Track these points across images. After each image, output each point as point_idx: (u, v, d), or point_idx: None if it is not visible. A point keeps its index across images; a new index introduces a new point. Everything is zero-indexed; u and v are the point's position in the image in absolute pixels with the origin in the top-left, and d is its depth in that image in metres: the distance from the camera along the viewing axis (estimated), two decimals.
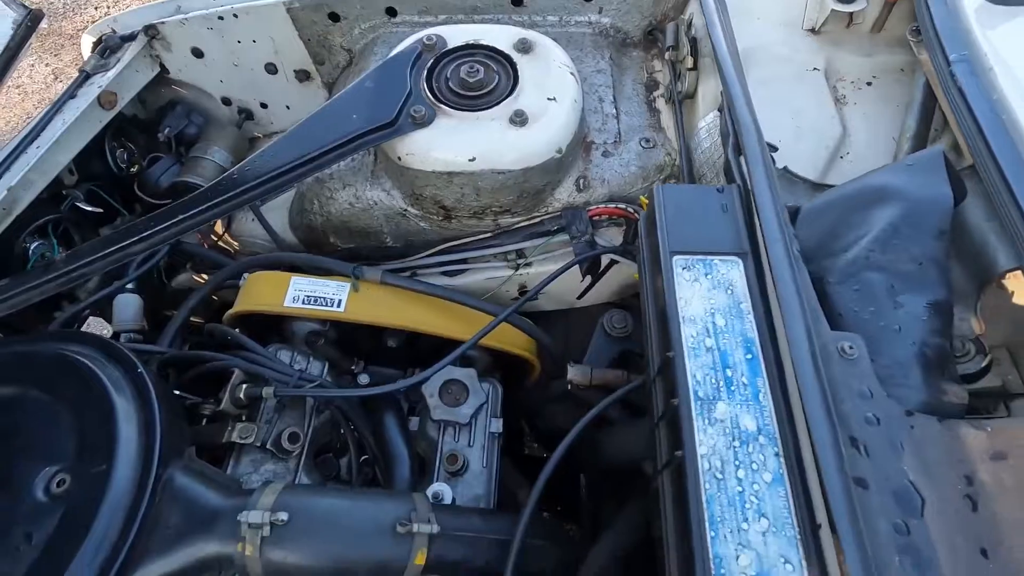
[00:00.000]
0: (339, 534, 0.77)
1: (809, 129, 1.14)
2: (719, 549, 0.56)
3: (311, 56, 1.45)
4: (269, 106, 1.56)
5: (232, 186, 1.02)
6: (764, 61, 1.23)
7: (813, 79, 1.21)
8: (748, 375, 0.66)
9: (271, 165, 1.02)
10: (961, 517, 0.59)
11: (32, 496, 0.75)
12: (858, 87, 1.22)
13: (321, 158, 1.01)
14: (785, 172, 1.04)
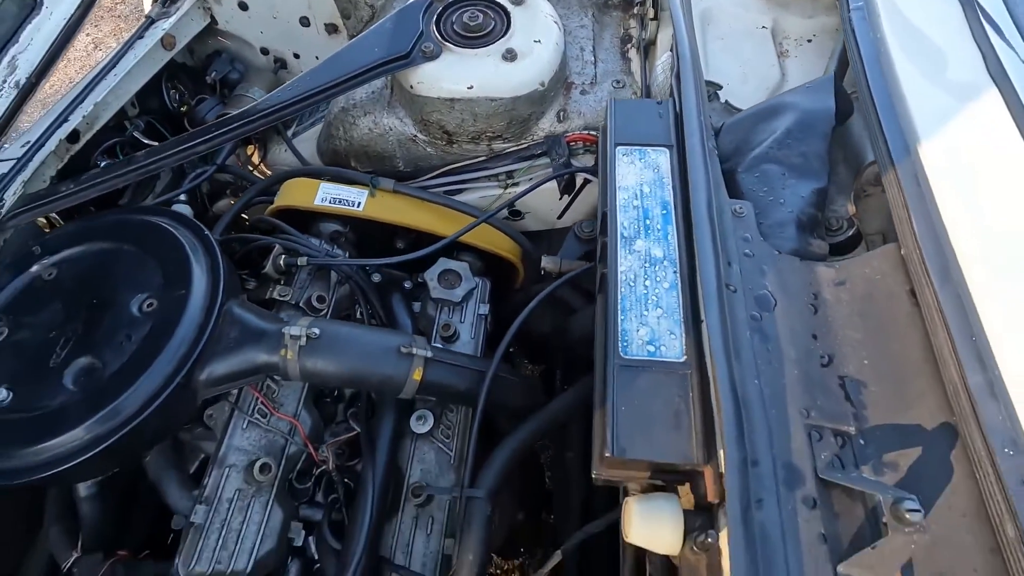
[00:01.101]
0: (357, 350, 1.02)
1: (753, 75, 1.37)
2: (626, 325, 0.80)
3: (339, 11, 1.69)
4: (301, 56, 1.81)
5: (275, 103, 1.26)
6: (721, 20, 1.46)
7: (761, 35, 1.44)
8: (662, 223, 0.90)
9: (307, 86, 1.26)
10: (803, 316, 0.82)
11: (130, 312, 1.00)
12: (799, 44, 1.45)
13: (348, 81, 1.25)
14: (727, 104, 1.27)
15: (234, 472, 1.02)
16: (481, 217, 1.29)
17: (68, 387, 0.94)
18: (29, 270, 1.08)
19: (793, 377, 0.76)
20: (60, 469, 0.88)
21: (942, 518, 0.65)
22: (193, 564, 0.94)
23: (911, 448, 0.70)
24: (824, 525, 0.66)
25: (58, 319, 1.01)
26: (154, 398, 0.92)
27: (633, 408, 0.73)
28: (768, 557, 0.62)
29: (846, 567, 0.63)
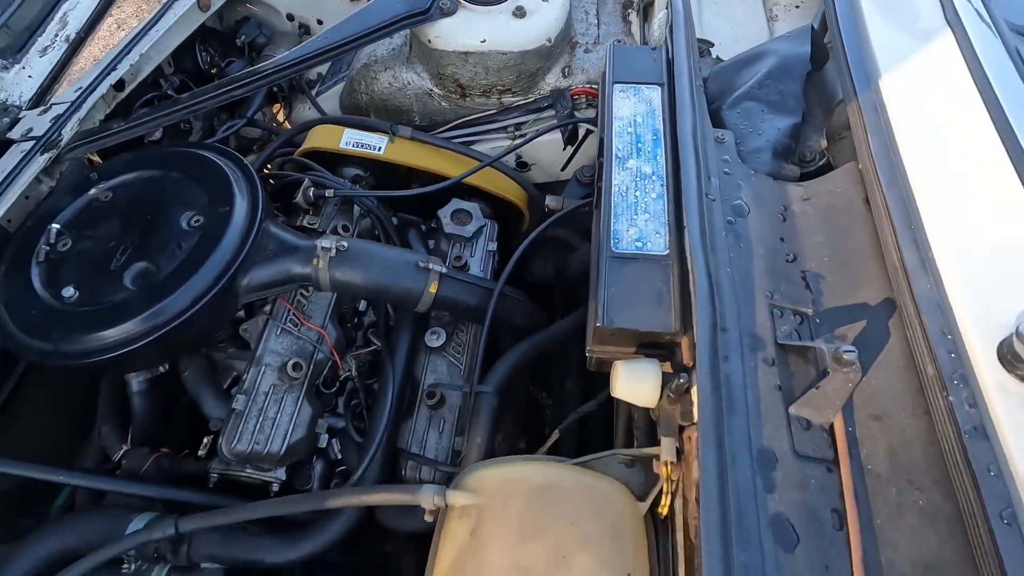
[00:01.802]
0: (380, 263, 1.15)
1: (743, 36, 1.48)
2: (617, 226, 0.92)
3: None
4: (324, 22, 1.94)
5: (302, 54, 1.39)
6: None
7: (753, 1, 1.56)
8: (651, 146, 1.02)
9: (332, 39, 1.39)
10: (772, 222, 0.94)
11: (180, 226, 1.13)
12: (788, 9, 1.56)
13: (370, 34, 1.37)
14: (718, 59, 1.39)
15: (269, 370, 1.15)
16: (489, 159, 1.41)
17: (127, 286, 1.07)
18: (87, 193, 1.21)
19: (761, 268, 0.88)
20: (119, 353, 1.01)
21: (879, 372, 0.77)
22: (234, 443, 1.07)
23: (858, 322, 0.81)
24: (780, 379, 0.78)
25: (116, 232, 1.14)
26: (201, 297, 1.05)
27: (621, 290, 0.85)
28: (731, 400, 0.74)
29: (796, 408, 0.75)
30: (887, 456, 0.72)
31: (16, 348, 1.04)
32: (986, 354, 0.69)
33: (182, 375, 1.22)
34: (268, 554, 1.02)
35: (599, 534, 0.73)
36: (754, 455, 0.71)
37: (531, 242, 1.47)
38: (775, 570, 0.64)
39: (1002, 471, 0.62)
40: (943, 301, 0.74)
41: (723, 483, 0.66)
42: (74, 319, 1.04)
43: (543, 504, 0.75)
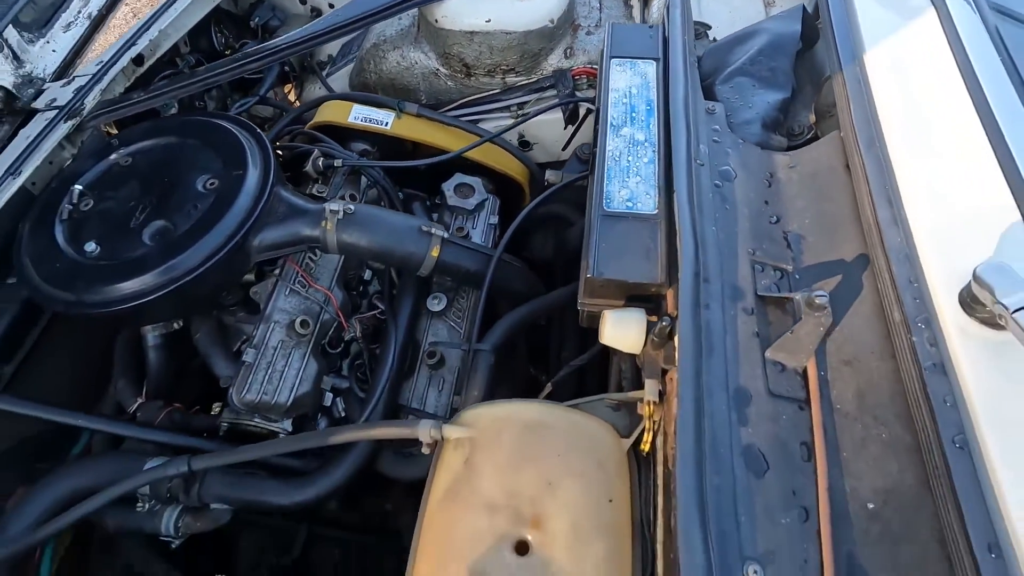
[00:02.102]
0: (385, 227, 1.20)
1: (740, 20, 1.53)
2: (610, 188, 0.97)
3: None
4: (335, 6, 2.00)
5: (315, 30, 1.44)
6: None
7: None
8: (645, 115, 1.07)
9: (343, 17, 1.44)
10: (758, 187, 0.99)
11: (196, 188, 1.18)
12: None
13: (379, 13, 1.43)
14: (713, 41, 1.43)
15: (278, 327, 1.20)
16: (491, 135, 1.47)
17: (146, 243, 1.12)
18: (109, 158, 1.27)
19: (745, 228, 0.93)
20: (137, 303, 1.06)
21: (852, 321, 0.81)
22: (244, 393, 1.12)
23: (834, 277, 0.86)
24: (758, 327, 0.83)
25: (135, 194, 1.20)
26: (215, 254, 1.10)
27: (611, 245, 0.90)
28: (710, 343, 0.79)
29: (772, 352, 0.80)
30: (855, 397, 0.76)
31: (41, 298, 1.10)
32: (948, 300, 0.73)
33: (194, 337, 1.28)
34: (275, 496, 1.07)
35: (584, 465, 0.78)
36: (730, 393, 0.76)
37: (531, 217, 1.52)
38: (745, 493, 0.69)
39: (956, 402, 0.67)
40: (912, 253, 0.78)
41: (699, 414, 0.71)
42: (96, 272, 1.10)
43: (533, 437, 0.80)
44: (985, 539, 0.59)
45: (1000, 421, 0.64)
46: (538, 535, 0.72)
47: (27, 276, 1.12)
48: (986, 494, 0.61)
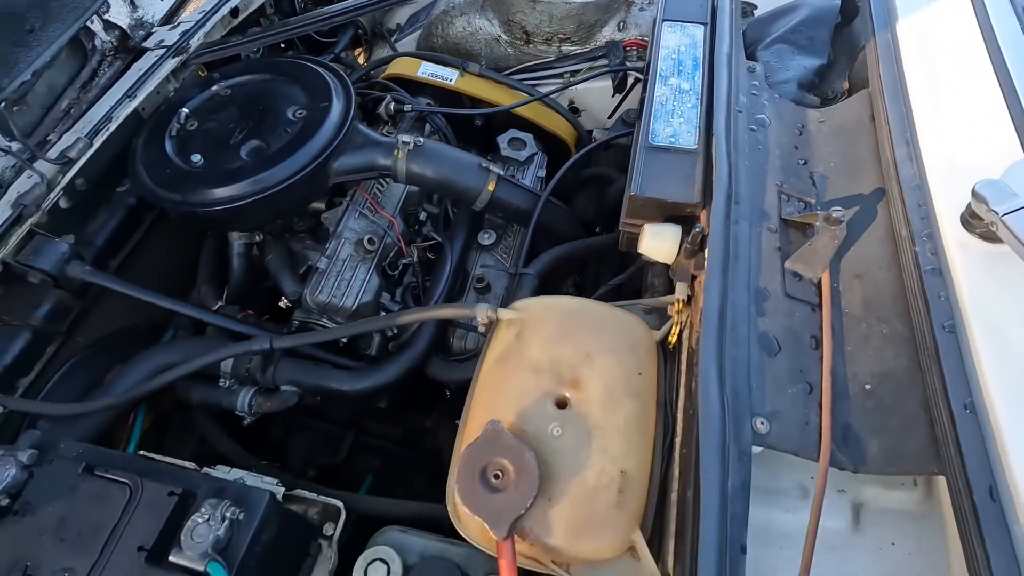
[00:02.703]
0: (449, 160, 1.35)
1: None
2: (655, 125, 1.09)
3: None
4: None
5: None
6: None
7: None
8: (691, 69, 1.19)
9: None
10: (790, 134, 1.10)
11: (287, 116, 1.34)
12: None
13: None
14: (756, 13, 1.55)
15: (347, 243, 1.36)
16: (543, 94, 1.60)
17: (243, 157, 1.29)
18: (211, 88, 1.45)
19: (775, 166, 1.04)
20: (233, 206, 1.23)
21: (865, 241, 0.92)
22: (317, 294, 1.28)
23: (852, 208, 0.97)
24: (780, 243, 0.94)
25: (234, 118, 1.37)
26: (301, 170, 1.26)
27: (653, 171, 1.02)
28: (736, 252, 0.90)
29: (790, 262, 0.91)
30: (862, 303, 0.87)
31: (153, 198, 1.27)
32: (951, 220, 0.83)
33: (265, 259, 1.44)
34: (338, 382, 1.22)
35: (619, 344, 0.90)
36: (751, 292, 0.87)
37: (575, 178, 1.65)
38: (758, 366, 0.80)
39: (949, 297, 0.77)
40: (923, 183, 0.89)
41: (723, 304, 0.83)
42: (199, 178, 1.26)
43: (575, 320, 0.93)
44: (962, 400, 0.69)
45: (985, 311, 0.74)
46: (576, 393, 0.84)
47: (141, 180, 1.30)
48: (967, 367, 0.71)
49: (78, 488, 0.87)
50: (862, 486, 0.85)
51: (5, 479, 0.87)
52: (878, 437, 0.76)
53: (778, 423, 0.76)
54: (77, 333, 1.32)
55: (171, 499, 0.85)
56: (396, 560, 0.97)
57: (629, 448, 0.81)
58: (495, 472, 0.75)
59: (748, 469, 0.71)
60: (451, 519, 0.82)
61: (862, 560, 0.82)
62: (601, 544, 0.75)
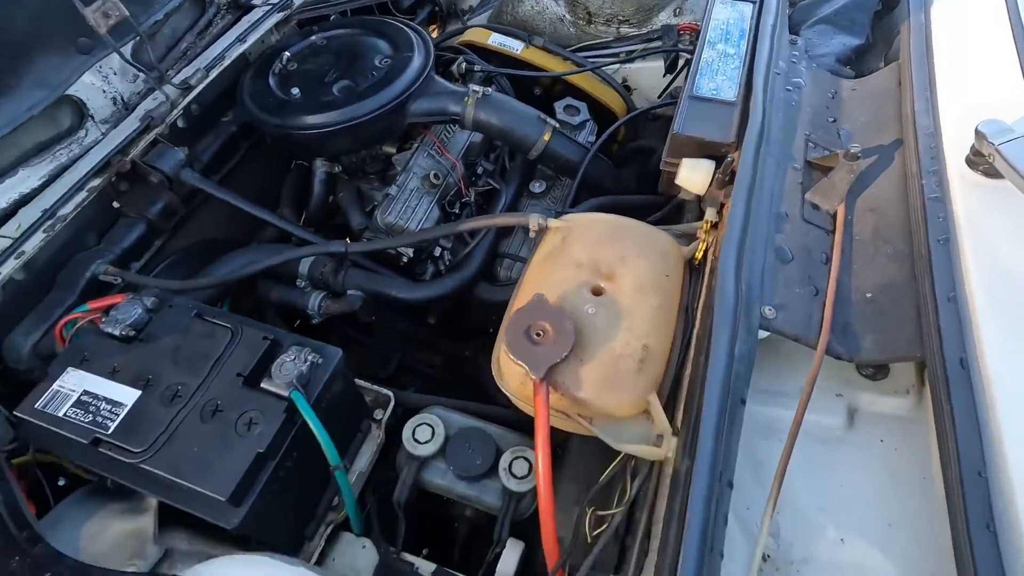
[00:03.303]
0: (511, 110, 1.51)
1: None
2: (700, 81, 1.23)
3: None
4: None
5: None
6: None
7: None
8: (737, 38, 1.32)
9: None
10: (823, 98, 1.22)
11: (374, 62, 1.54)
12: None
13: None
14: None
15: (415, 177, 1.53)
16: (595, 65, 1.76)
17: (335, 93, 1.48)
18: (310, 38, 1.66)
19: (806, 119, 1.16)
20: (324, 130, 1.42)
21: (881, 182, 1.03)
22: (387, 215, 1.45)
23: (872, 156, 1.08)
24: (803, 180, 1.06)
25: (328, 63, 1.57)
26: (383, 106, 1.45)
27: (694, 115, 1.16)
28: (762, 182, 1.03)
29: (810, 194, 1.03)
30: (872, 231, 0.98)
31: (256, 122, 1.48)
32: (957, 160, 0.94)
33: (337, 196, 1.64)
34: (396, 291, 1.39)
35: (650, 252, 1.03)
36: (771, 214, 1.00)
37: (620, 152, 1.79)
38: (771, 269, 0.93)
39: (947, 218, 0.88)
40: (936, 132, 1.00)
41: (746, 219, 0.96)
42: (296, 107, 1.46)
43: (615, 230, 1.06)
44: (946, 293, 0.80)
45: (976, 228, 0.84)
46: (610, 285, 0.98)
47: (247, 107, 1.50)
48: (953, 267, 0.82)
49: (190, 328, 1.05)
50: (858, 392, 0.96)
51: (133, 316, 1.06)
52: (873, 333, 0.87)
53: (784, 313, 0.88)
54: (179, 235, 1.53)
55: (264, 342, 1.02)
56: (440, 425, 1.12)
57: (652, 331, 0.94)
58: (537, 331, 0.89)
59: (755, 342, 0.83)
60: (494, 378, 0.97)
61: (851, 454, 0.93)
62: (622, 400, 0.88)
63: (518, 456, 1.07)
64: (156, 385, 0.98)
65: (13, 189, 1.32)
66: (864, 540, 0.86)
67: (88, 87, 1.45)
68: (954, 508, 0.69)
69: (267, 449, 0.91)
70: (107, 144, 1.39)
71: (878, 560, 0.84)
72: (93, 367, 1.00)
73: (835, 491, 0.90)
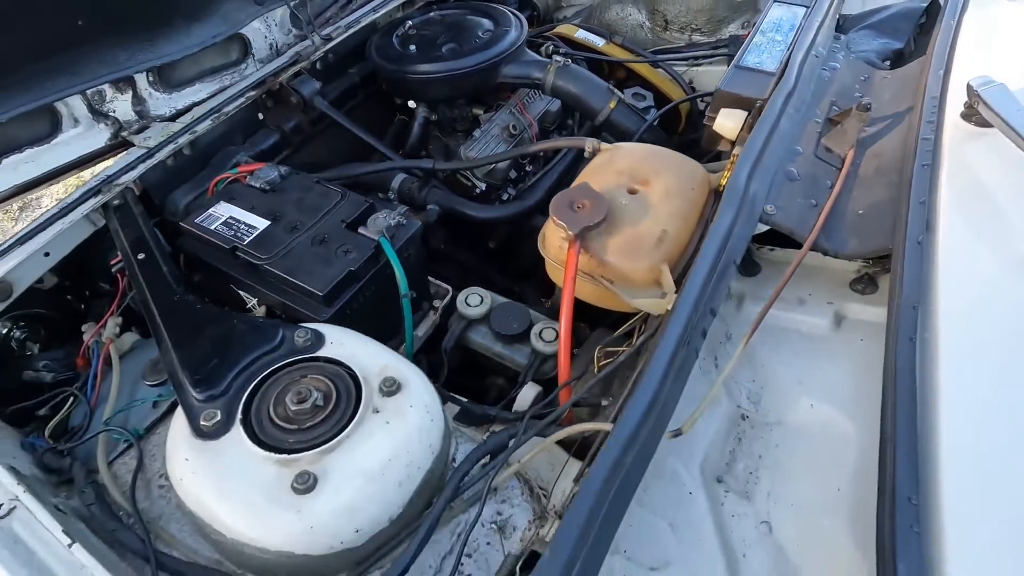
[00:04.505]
0: (585, 80, 1.78)
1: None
2: (746, 58, 1.45)
3: None
4: None
5: None
6: None
7: None
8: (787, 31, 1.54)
9: None
10: (854, 80, 1.41)
11: (476, 33, 1.86)
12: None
13: None
14: None
15: (497, 126, 1.82)
16: (663, 58, 2.02)
17: (442, 52, 1.81)
18: (428, 13, 2.02)
19: (834, 90, 1.36)
20: (431, 76, 1.74)
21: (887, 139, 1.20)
22: (469, 150, 1.74)
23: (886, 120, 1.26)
24: (822, 132, 1.25)
25: (440, 32, 1.91)
26: (481, 63, 1.76)
27: (737, 80, 1.38)
28: (783, 131, 1.23)
29: (824, 139, 1.22)
30: (874, 171, 1.16)
31: (379, 68, 1.83)
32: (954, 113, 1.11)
33: (427, 148, 1.95)
34: (468, 209, 1.66)
35: (681, 170, 1.24)
36: (788, 147, 1.19)
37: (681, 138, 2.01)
38: (778, 184, 1.12)
39: (934, 149, 1.04)
40: (942, 96, 1.17)
41: (763, 149, 1.16)
42: (412, 58, 1.80)
43: (653, 153, 1.29)
44: (919, 198, 0.96)
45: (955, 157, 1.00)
46: (643, 188, 1.20)
47: (372, 57, 1.86)
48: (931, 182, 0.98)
49: (310, 189, 1.36)
50: (848, 303, 1.12)
51: (270, 176, 1.38)
52: (857, 237, 1.04)
53: (783, 212, 1.07)
54: (301, 151, 1.88)
55: (364, 203, 1.31)
56: (488, 296, 1.35)
57: (672, 222, 1.14)
58: (577, 204, 1.12)
59: (753, 226, 1.03)
60: (538, 247, 1.20)
61: (833, 348, 1.09)
62: (639, 265, 1.09)
63: (547, 327, 1.28)
64: (281, 219, 1.28)
65: (192, 95, 1.72)
66: (832, 407, 1.01)
67: (255, 31, 1.85)
68: (889, 351, 0.85)
69: (357, 270, 1.18)
70: (264, 71, 1.77)
71: (841, 423, 0.99)
72: (237, 203, 1.32)
73: (814, 372, 1.06)
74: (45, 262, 1.33)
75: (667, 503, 0.93)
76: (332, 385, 0.90)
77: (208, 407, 0.86)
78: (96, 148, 1.58)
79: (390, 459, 0.83)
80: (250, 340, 0.96)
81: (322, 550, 0.78)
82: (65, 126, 1.52)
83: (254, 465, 0.81)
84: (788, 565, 0.86)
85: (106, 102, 1.56)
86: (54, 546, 0.76)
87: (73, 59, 1.43)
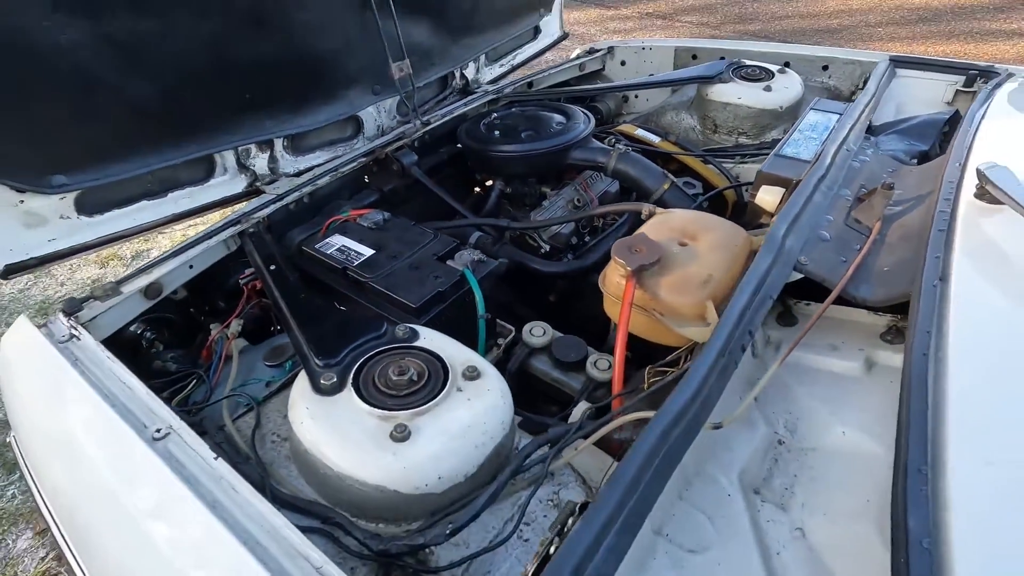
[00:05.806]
0: (642, 165, 2.06)
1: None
2: (785, 148, 1.69)
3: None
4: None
5: (630, 82, 2.49)
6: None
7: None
8: (822, 132, 1.78)
9: (653, 80, 2.47)
10: (883, 170, 1.61)
11: (551, 125, 2.21)
12: None
13: (682, 81, 2.42)
14: None
15: (562, 199, 2.10)
16: (709, 153, 2.29)
17: (522, 138, 2.15)
18: (511, 109, 2.40)
19: (863, 176, 1.56)
20: (509, 155, 2.06)
21: (909, 213, 1.38)
22: (537, 215, 2.00)
23: (908, 201, 1.44)
24: (851, 207, 1.44)
25: (521, 123, 2.27)
26: (553, 148, 2.07)
27: (777, 165, 1.61)
28: (816, 203, 1.43)
29: (854, 212, 1.40)
30: (899, 238, 1.32)
31: (467, 148, 2.18)
32: (968, 194, 1.28)
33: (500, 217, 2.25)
34: (533, 263, 1.89)
35: (725, 231, 1.44)
36: (821, 216, 1.38)
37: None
38: (812, 242, 1.30)
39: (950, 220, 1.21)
40: (960, 181, 1.35)
41: (799, 211, 1.35)
42: (496, 141, 2.14)
43: (701, 217, 1.50)
44: (935, 254, 1.11)
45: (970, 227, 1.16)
46: (692, 242, 1.40)
47: (462, 138, 2.22)
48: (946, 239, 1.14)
49: (408, 229, 1.63)
50: (878, 350, 1.24)
51: (376, 219, 1.67)
52: (883, 288, 1.19)
53: (815, 264, 1.24)
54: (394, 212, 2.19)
55: (453, 243, 1.56)
56: (550, 329, 1.54)
57: (717, 269, 1.33)
58: (636, 248, 1.33)
59: (788, 271, 1.20)
60: (599, 285, 1.40)
61: (865, 387, 1.20)
62: (686, 300, 1.26)
63: (601, 358, 1.44)
64: (383, 249, 1.54)
65: (312, 160, 2.09)
66: (863, 434, 1.11)
67: (367, 114, 2.27)
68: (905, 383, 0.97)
69: (444, 291, 1.40)
70: (372, 144, 2.14)
71: (872, 446, 1.09)
72: (348, 236, 1.60)
73: (846, 407, 1.17)
74: (188, 273, 1.62)
75: (706, 500, 1.03)
76: (425, 367, 1.08)
77: (326, 371, 1.06)
78: (235, 192, 1.94)
79: (469, 425, 1.00)
80: (361, 328, 1.17)
81: (409, 489, 0.92)
82: (217, 173, 1.88)
83: (361, 417, 0.99)
84: (820, 564, 0.94)
85: (250, 158, 1.94)
86: (200, 462, 0.94)
87: (237, 122, 1.82)
